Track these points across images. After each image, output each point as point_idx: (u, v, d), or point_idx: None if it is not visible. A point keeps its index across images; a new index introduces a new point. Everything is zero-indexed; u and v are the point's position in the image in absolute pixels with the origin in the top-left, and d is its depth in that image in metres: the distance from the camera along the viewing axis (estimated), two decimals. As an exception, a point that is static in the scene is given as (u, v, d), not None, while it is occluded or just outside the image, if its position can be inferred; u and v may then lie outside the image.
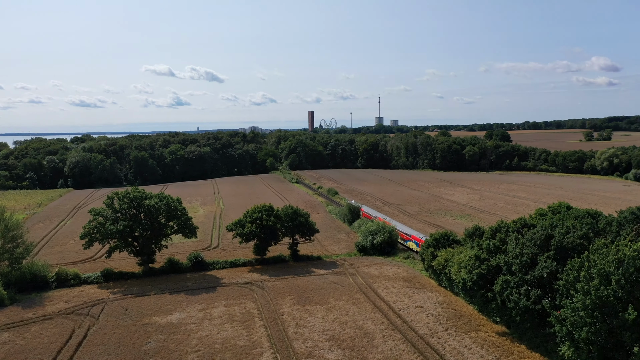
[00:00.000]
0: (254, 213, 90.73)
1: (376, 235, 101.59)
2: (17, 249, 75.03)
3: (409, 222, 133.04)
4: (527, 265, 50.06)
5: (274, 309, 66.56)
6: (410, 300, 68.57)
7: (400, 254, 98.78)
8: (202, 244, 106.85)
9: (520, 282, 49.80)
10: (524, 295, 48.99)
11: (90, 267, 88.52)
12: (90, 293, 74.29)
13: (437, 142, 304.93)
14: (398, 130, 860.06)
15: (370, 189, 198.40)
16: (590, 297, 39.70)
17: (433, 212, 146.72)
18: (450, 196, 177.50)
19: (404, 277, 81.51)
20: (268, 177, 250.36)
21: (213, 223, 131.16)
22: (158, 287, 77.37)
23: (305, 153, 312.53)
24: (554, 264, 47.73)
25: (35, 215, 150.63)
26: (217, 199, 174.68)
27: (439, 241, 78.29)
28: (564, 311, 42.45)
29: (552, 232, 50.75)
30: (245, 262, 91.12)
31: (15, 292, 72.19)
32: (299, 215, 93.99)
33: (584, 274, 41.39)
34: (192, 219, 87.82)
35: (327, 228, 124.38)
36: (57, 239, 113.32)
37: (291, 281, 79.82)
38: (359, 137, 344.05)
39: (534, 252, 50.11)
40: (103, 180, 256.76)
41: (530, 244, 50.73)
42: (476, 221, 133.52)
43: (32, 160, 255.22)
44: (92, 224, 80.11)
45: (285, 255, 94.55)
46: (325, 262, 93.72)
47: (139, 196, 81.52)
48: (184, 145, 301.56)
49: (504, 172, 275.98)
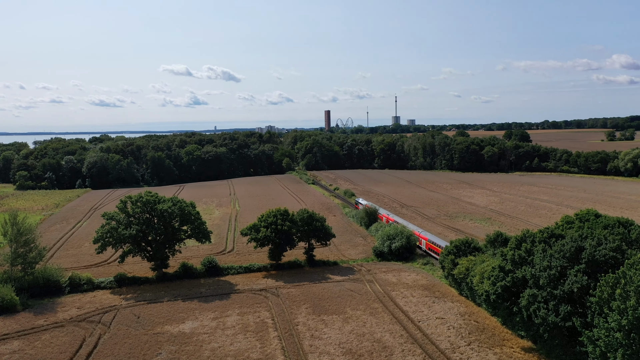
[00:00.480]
0: (268, 217, 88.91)
1: (394, 240, 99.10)
2: (30, 253, 74.25)
3: (428, 226, 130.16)
4: (555, 279, 47.26)
5: (288, 318, 64.58)
6: (430, 311, 66.04)
7: (419, 260, 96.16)
8: (217, 247, 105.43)
9: (548, 296, 47.04)
10: (553, 310, 46.24)
11: (104, 271, 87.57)
12: (103, 299, 73.14)
13: (455, 142, 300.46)
14: (415, 130, 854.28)
15: (387, 190, 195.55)
16: (627, 318, 36.95)
17: (452, 215, 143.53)
18: (469, 198, 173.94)
19: (423, 285, 78.93)
20: (284, 178, 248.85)
21: (228, 225, 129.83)
22: (171, 293, 75.96)
23: (321, 153, 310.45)
24: (585, 279, 44.92)
25: (52, 216, 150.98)
26: (233, 200, 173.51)
27: (459, 248, 75.56)
28: (597, 331, 39.75)
29: (583, 243, 47.88)
30: (260, 267, 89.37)
31: (28, 297, 71.40)
32: (315, 220, 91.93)
33: (620, 291, 38.61)
34: (205, 223, 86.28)
35: (344, 231, 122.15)
36: (73, 241, 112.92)
37: (307, 288, 77.78)
38: (376, 137, 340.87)
39: (563, 265, 47.32)
40: (120, 181, 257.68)
41: (559, 256, 47.92)
42: (496, 225, 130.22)
43: (50, 161, 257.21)
44: (105, 228, 79.02)
45: (300, 261, 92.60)
46: (341, 267, 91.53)
47: (152, 200, 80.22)
48: (200, 145, 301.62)
49: (524, 173, 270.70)
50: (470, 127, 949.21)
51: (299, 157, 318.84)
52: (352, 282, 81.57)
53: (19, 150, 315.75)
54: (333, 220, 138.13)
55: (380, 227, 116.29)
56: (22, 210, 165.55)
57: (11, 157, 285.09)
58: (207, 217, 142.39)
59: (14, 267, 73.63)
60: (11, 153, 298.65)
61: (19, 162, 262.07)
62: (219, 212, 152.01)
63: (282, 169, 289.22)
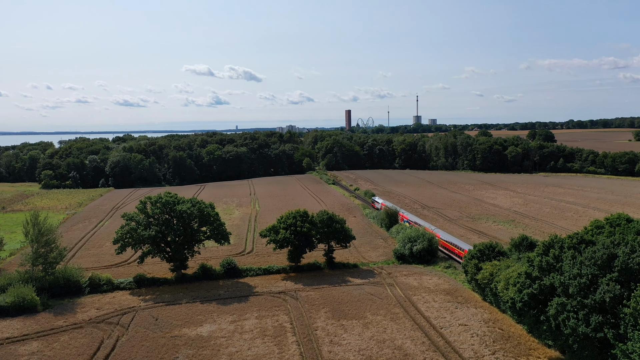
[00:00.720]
0: (288, 219, 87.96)
1: (415, 242, 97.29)
2: (51, 253, 74.59)
3: (449, 228, 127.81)
4: (586, 288, 45.16)
5: (307, 322, 63.45)
6: (452, 317, 64.21)
7: (440, 263, 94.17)
8: (237, 248, 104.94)
9: (578, 306, 44.96)
10: (583, 321, 44.17)
11: (124, 272, 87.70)
12: (122, 300, 73.06)
13: (478, 142, 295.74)
14: (436, 130, 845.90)
15: (408, 191, 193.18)
16: (664, 331, 34.89)
17: (475, 217, 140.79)
18: (492, 200, 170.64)
19: (445, 289, 77.04)
20: (304, 178, 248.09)
21: (248, 226, 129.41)
22: (190, 294, 75.52)
23: (341, 153, 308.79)
24: (618, 288, 42.76)
25: (75, 215, 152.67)
26: (253, 200, 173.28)
27: (483, 253, 73.45)
28: (632, 344, 37.69)
29: (615, 250, 45.67)
30: (279, 269, 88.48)
31: (48, 297, 71.73)
32: (335, 222, 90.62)
33: (657, 303, 36.53)
34: (224, 224, 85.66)
35: (364, 233, 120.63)
36: (94, 241, 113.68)
37: (326, 291, 76.59)
38: (397, 137, 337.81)
39: (594, 273, 45.17)
40: (142, 180, 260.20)
41: (590, 263, 45.78)
42: (521, 228, 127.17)
43: (75, 160, 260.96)
44: (125, 229, 78.97)
45: (320, 263, 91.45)
46: (361, 270, 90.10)
47: (171, 201, 79.94)
48: (221, 145, 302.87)
49: (549, 174, 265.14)
50: (493, 127, 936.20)
51: (319, 157, 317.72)
52: (373, 285, 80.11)
53: (44, 150, 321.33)
54: (353, 221, 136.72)
55: (401, 229, 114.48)
56: (46, 209, 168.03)
57: (37, 156, 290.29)
58: (227, 217, 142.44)
59: (35, 267, 74.01)
60: (37, 152, 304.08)
61: (45, 162, 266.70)
62: (238, 212, 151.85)
63: (303, 169, 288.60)
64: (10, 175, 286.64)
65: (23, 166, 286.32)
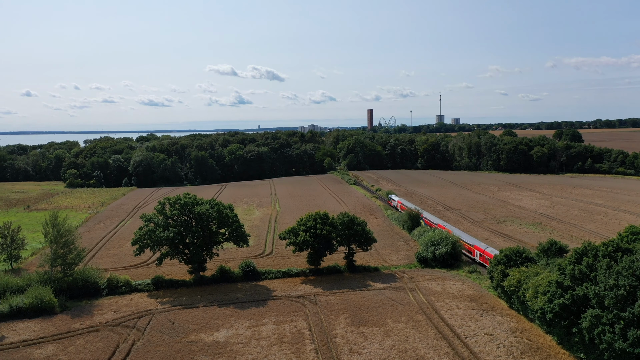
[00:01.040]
0: (307, 221, 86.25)
1: (438, 245, 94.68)
2: (70, 254, 74.24)
3: (473, 231, 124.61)
4: (623, 300, 42.38)
5: (326, 329, 61.60)
6: (477, 326, 61.63)
7: (464, 267, 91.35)
8: (256, 249, 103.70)
9: (614, 319, 42.21)
10: (620, 335, 41.40)
11: (143, 273, 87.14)
12: (139, 302, 72.29)
13: (502, 142, 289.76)
14: (460, 129, 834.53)
15: (431, 192, 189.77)
16: None
17: (499, 220, 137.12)
18: (517, 201, 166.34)
19: (469, 295, 74.38)
20: (325, 178, 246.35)
21: (268, 227, 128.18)
22: (207, 297, 74.39)
23: (363, 153, 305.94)
24: (659, 301, 39.94)
25: (97, 214, 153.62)
26: (274, 201, 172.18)
27: (510, 258, 70.54)
28: (676, 363, 34.93)
29: (655, 260, 42.76)
30: (298, 272, 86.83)
31: (66, 298, 71.37)
32: (356, 224, 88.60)
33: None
34: (243, 226, 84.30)
35: (385, 235, 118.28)
36: (115, 241, 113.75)
37: (346, 296, 74.65)
38: (419, 137, 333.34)
39: (632, 284, 42.35)
40: (165, 179, 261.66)
41: (628, 273, 42.95)
42: (547, 231, 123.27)
43: (99, 159, 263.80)
44: (143, 230, 78.26)
45: (340, 266, 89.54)
46: (383, 274, 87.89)
47: (189, 202, 78.96)
48: (242, 144, 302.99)
49: (576, 175, 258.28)
50: (518, 126, 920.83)
51: (341, 156, 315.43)
52: (394, 290, 77.88)
53: (70, 149, 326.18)
54: (374, 222, 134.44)
55: (423, 231, 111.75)
56: (69, 208, 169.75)
57: (63, 155, 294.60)
58: (247, 218, 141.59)
59: (54, 268, 73.73)
60: (63, 151, 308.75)
61: (70, 161, 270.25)
62: (259, 212, 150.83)
63: (324, 169, 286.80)
64: (37, 174, 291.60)
65: (49, 165, 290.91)
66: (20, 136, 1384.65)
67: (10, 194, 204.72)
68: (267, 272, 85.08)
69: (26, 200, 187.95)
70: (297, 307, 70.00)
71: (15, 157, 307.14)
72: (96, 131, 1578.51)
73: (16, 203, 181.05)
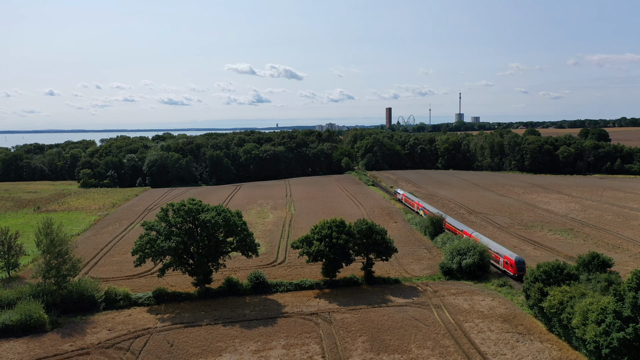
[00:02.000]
0: (322, 229, 79.36)
1: (464, 255, 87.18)
2: (64, 265, 68.55)
3: (500, 237, 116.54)
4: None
5: (342, 355, 54.73)
6: (514, 354, 54.13)
7: (493, 280, 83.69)
8: (268, 257, 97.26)
9: (692, 362, 34.74)
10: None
11: (146, 284, 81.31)
12: (138, 319, 66.26)
13: (527, 142, 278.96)
14: (480, 128, 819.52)
15: (453, 194, 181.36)
16: None
17: (528, 225, 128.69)
18: (545, 204, 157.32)
19: (501, 314, 66.83)
20: (343, 178, 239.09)
21: (282, 232, 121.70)
22: (212, 314, 68.07)
23: (382, 152, 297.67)
24: None
25: (107, 217, 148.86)
26: (289, 203, 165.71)
27: (549, 275, 62.72)
28: None
29: None
30: (312, 284, 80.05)
31: (59, 313, 65.75)
32: (375, 232, 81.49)
33: None
34: (252, 235, 77.65)
35: (406, 242, 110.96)
36: (120, 246, 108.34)
37: (364, 314, 67.69)
38: (440, 136, 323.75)
39: None
40: (179, 179, 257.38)
41: None
42: (581, 238, 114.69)
43: (113, 159, 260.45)
44: (144, 239, 72.21)
45: (357, 277, 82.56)
46: (404, 287, 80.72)
47: (194, 209, 72.68)
48: (258, 144, 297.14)
49: (605, 176, 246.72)
50: (539, 125, 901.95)
51: (359, 156, 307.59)
52: (417, 307, 70.70)
53: (86, 148, 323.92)
54: (394, 227, 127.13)
55: (447, 238, 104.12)
56: (79, 209, 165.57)
57: (78, 154, 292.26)
58: (261, 222, 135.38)
59: (47, 280, 68.13)
60: (78, 151, 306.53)
61: (84, 160, 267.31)
62: (273, 215, 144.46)
63: (341, 169, 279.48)
64: (53, 173, 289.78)
65: (65, 164, 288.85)
66: (43, 134, 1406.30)
67: (23, 194, 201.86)
68: (278, 285, 78.44)
69: (38, 200, 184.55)
70: (310, 327, 63.24)
71: (31, 157, 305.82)
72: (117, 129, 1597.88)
73: (27, 204, 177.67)
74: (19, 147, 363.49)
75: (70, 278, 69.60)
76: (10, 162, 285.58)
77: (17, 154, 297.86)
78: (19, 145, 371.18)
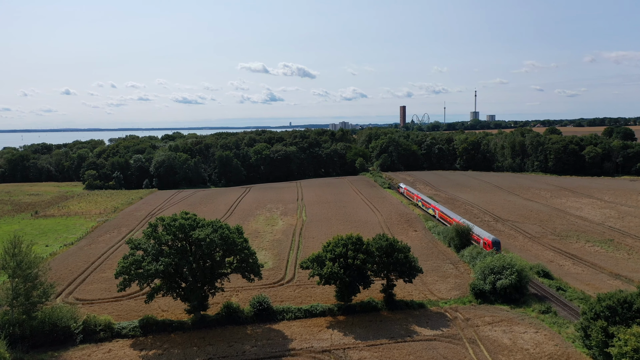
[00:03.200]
0: (336, 247, 68.65)
1: (499, 275, 76.09)
2: (35, 290, 58.75)
3: (533, 249, 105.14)
4: None
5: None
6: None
7: (533, 304, 72.60)
8: (275, 274, 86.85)
9: None
10: None
11: (135, 307, 71.39)
12: (118, 357, 56.17)
13: (550, 141, 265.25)
14: (496, 126, 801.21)
15: (475, 197, 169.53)
16: None
17: (562, 235, 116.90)
18: (577, 210, 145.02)
19: (551, 354, 55.63)
20: (357, 180, 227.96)
21: (291, 242, 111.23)
22: (206, 350, 57.77)
23: (397, 153, 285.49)
24: None
25: (106, 223, 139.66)
26: (300, 208, 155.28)
27: (614, 311, 51.40)
28: None
29: None
30: (324, 310, 69.39)
31: (26, 349, 55.99)
32: (396, 250, 70.69)
33: None
34: (255, 254, 67.05)
35: (429, 255, 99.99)
36: (114, 259, 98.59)
37: (386, 351, 56.94)
38: (458, 136, 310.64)
39: None
40: (187, 181, 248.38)
41: None
42: (624, 251, 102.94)
43: (119, 160, 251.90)
44: (129, 259, 62.06)
45: (376, 302, 71.79)
46: (430, 313, 69.86)
47: (187, 225, 62.40)
48: (269, 144, 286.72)
49: (636, 178, 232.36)
50: (557, 123, 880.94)
51: (373, 156, 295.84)
52: (448, 341, 59.81)
53: (93, 148, 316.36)
54: (414, 237, 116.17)
55: (477, 252, 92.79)
56: (79, 214, 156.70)
57: (86, 154, 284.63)
58: (269, 230, 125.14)
59: (14, 307, 58.34)
60: (86, 151, 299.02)
61: (89, 161, 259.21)
62: (282, 222, 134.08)
63: (355, 170, 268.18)
64: (60, 173, 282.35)
65: (71, 165, 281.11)
66: (59, 133, 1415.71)
67: (24, 197, 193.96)
68: (285, 311, 67.89)
69: (38, 204, 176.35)
70: (321, 371, 52.67)
71: (38, 157, 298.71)
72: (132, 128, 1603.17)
73: (26, 207, 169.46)
74: (27, 146, 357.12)
75: (42, 306, 59.70)
76: (16, 162, 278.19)
77: (24, 154, 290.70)
78: (26, 145, 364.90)
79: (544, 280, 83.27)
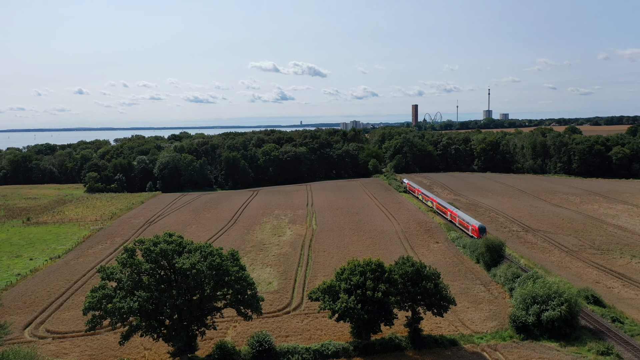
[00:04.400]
0: (352, 275, 56.88)
1: (545, 305, 64.00)
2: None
3: (574, 266, 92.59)
4: None
5: None
6: None
7: (588, 342, 60.39)
8: (280, 298, 75.39)
9: None
10: None
11: (113, 343, 60.23)
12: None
13: (574, 142, 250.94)
14: (510, 125, 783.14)
15: (498, 203, 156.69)
16: None
17: (602, 248, 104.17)
18: (613, 219, 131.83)
19: (628, 421, 43.49)
20: (370, 183, 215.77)
21: (300, 257, 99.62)
22: (191, 409, 46.42)
23: (412, 153, 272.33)
24: None
25: (100, 232, 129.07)
26: (310, 215, 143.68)
27: None
28: None
29: None
30: (337, 349, 57.66)
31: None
32: (424, 278, 58.79)
33: None
34: (254, 284, 55.29)
35: (455, 273, 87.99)
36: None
37: (416, 413, 45.13)
38: (475, 135, 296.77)
39: None
40: (193, 183, 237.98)
41: None
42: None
43: (122, 161, 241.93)
44: (99, 293, 50.71)
45: (400, 338, 60.00)
46: (464, 353, 58.03)
47: (170, 250, 50.97)
48: (278, 144, 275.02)
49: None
50: (572, 121, 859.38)
51: (387, 157, 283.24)
52: (492, 397, 47.82)
53: (97, 148, 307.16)
54: (436, 250, 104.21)
55: (512, 274, 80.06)
56: (73, 221, 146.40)
57: (89, 155, 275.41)
58: (276, 241, 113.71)
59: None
60: (89, 151, 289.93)
61: (92, 162, 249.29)
62: (290, 232, 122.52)
63: (368, 171, 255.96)
64: (63, 175, 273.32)
65: (75, 166, 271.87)
66: (72, 132, 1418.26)
67: (20, 201, 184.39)
68: (291, 352, 56.25)
69: (33, 209, 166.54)
70: None
71: (41, 157, 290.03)
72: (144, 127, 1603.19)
73: (20, 213, 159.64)
74: (30, 147, 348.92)
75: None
76: (19, 164, 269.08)
77: (27, 155, 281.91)
78: (29, 146, 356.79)
79: (595, 308, 71.06)
